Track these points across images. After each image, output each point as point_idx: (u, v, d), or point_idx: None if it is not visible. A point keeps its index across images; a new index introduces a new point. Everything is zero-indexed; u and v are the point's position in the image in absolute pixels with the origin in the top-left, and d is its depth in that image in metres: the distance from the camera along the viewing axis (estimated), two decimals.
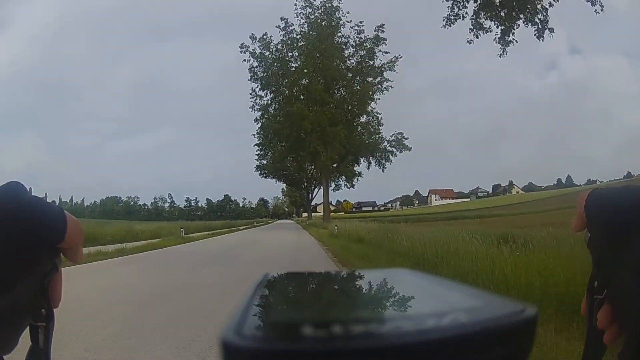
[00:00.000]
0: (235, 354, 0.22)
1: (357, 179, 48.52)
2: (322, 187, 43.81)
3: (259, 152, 53.44)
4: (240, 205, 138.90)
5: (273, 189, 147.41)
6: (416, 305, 0.32)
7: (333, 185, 46.48)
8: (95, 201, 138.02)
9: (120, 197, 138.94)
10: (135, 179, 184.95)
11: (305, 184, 60.56)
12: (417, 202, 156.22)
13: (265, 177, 58.58)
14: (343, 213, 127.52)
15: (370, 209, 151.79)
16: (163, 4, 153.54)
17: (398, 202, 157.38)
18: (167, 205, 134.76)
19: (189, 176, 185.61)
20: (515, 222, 21.56)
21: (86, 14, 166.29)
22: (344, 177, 45.46)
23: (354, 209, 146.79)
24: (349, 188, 48.22)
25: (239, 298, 0.30)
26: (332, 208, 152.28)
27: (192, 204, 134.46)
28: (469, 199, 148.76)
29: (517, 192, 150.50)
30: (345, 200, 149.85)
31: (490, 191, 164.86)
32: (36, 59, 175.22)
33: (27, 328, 0.42)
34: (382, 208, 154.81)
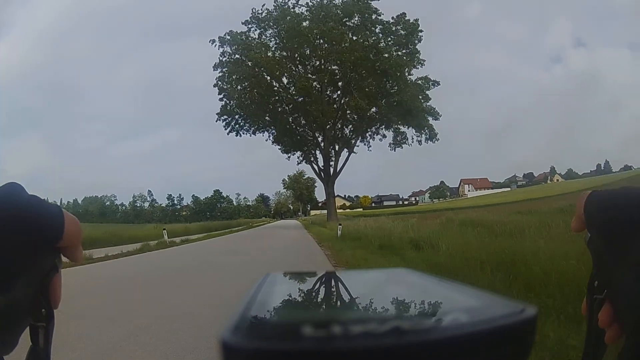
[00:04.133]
0: (235, 354, 0.22)
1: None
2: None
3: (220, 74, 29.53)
4: (234, 202, 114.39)
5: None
6: (416, 305, 0.32)
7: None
8: (69, 201, 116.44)
9: (97, 196, 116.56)
10: (141, 179, 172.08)
11: (322, 140, 31.36)
12: (448, 193, 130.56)
13: (237, 133, 31.74)
14: (361, 209, 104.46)
15: (394, 203, 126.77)
16: (168, 4, 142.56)
17: (427, 194, 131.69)
18: (147, 204, 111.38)
19: (195, 176, 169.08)
20: None
21: (89, 15, 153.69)
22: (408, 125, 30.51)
23: (373, 204, 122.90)
24: (423, 138, 30.47)
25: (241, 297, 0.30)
26: (347, 204, 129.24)
27: (176, 202, 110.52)
28: (509, 189, 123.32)
29: (558, 180, 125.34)
30: (358, 196, 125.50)
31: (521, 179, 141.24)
32: (39, 61, 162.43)
33: (27, 328, 0.41)
34: (406, 202, 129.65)
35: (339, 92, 30.65)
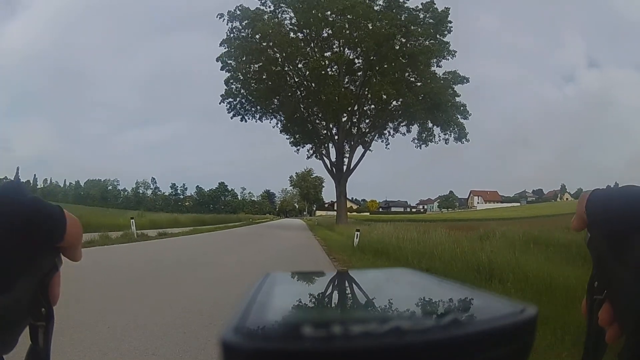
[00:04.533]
0: (235, 354, 0.22)
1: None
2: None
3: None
4: (239, 197, 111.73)
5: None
6: (416, 305, 0.32)
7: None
8: (71, 182, 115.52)
9: (100, 180, 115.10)
10: (148, 168, 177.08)
11: (336, 133, 27.92)
12: (457, 204, 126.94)
13: (242, 118, 28.51)
14: (368, 214, 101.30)
15: (402, 209, 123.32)
16: None
17: (436, 204, 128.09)
18: (149, 191, 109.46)
19: (202, 169, 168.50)
20: None
21: (102, 2, 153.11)
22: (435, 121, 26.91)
23: (380, 209, 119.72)
24: (452, 137, 26.61)
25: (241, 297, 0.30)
26: (354, 207, 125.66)
27: (179, 192, 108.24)
28: (518, 204, 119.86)
29: (567, 199, 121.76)
30: (365, 200, 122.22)
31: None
32: (49, 45, 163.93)
33: (27, 328, 0.41)
34: (413, 210, 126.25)
35: (357, 83, 27.24)
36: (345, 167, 28.36)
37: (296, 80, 27.16)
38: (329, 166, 28.94)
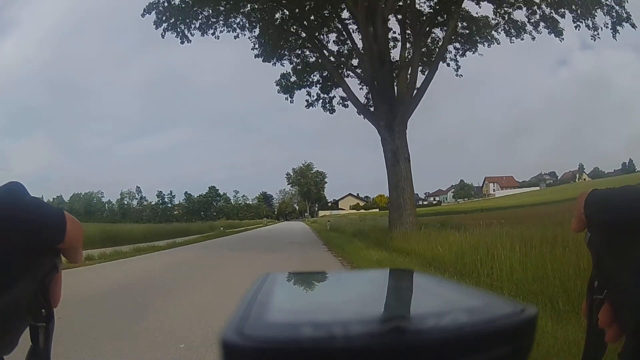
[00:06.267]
0: (235, 354, 0.22)
1: None
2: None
3: None
4: (232, 201, 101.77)
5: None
6: (416, 305, 0.32)
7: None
8: (53, 197, 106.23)
9: (86, 193, 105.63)
10: (150, 179, 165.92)
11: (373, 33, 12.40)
12: (472, 193, 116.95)
13: (182, 37, 13.92)
14: (377, 210, 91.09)
15: None
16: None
17: (450, 194, 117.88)
18: (135, 202, 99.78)
19: (204, 176, 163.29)
20: None
21: (96, 13, 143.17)
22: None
23: (388, 204, 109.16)
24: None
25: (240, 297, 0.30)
26: (362, 204, 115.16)
27: (167, 199, 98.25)
28: (537, 187, 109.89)
29: (585, 179, 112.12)
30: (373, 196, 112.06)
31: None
32: (46, 59, 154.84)
33: (27, 328, 0.42)
34: (425, 202, 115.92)
35: None
36: (397, 93, 13.09)
37: None
38: (362, 102, 14.45)
